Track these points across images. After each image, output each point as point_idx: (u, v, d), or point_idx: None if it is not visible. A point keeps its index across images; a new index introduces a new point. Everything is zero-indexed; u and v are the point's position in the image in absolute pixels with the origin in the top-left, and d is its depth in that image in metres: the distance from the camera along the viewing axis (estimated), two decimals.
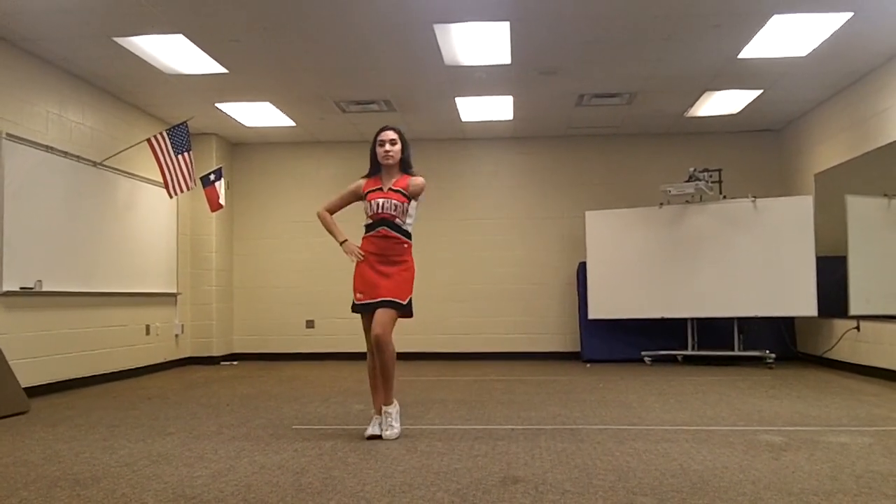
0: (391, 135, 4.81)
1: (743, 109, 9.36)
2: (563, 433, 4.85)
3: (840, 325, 8.53)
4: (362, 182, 4.89)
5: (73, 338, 7.69)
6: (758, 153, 10.56)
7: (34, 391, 6.78)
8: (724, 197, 9.54)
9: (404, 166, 4.88)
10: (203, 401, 6.62)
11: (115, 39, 6.83)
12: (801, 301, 8.68)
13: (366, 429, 4.78)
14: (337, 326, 10.68)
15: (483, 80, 8.18)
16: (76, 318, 7.77)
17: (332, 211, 5.01)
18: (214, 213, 9.90)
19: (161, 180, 8.24)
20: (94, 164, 8.09)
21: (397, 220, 4.77)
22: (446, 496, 3.32)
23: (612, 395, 6.66)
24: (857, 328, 8.17)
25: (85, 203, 7.97)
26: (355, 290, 4.80)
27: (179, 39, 6.85)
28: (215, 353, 10.46)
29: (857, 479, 3.55)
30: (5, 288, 6.68)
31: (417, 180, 4.83)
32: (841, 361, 8.53)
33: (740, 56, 7.39)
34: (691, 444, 4.44)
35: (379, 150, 4.80)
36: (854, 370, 8.18)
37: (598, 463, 3.94)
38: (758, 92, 8.67)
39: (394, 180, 4.81)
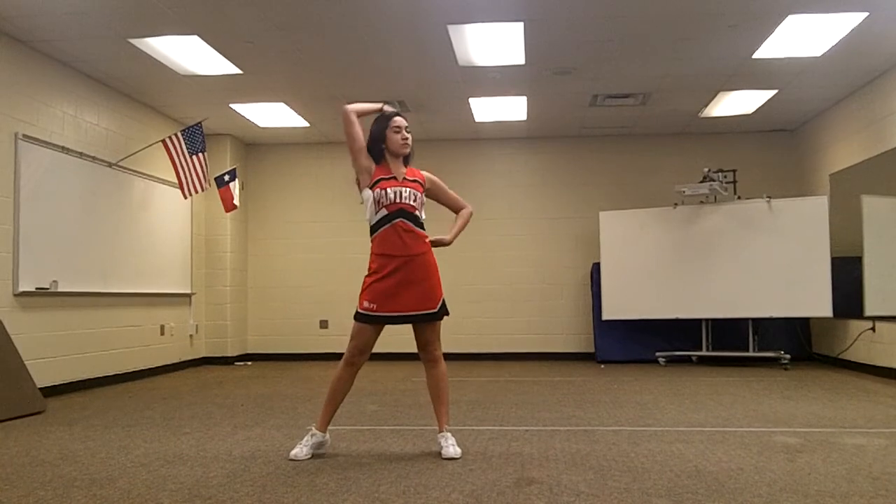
0: (405, 122, 4.35)
1: (758, 109, 9.32)
2: (577, 434, 4.84)
3: (855, 325, 8.48)
4: (368, 166, 4.34)
5: (88, 338, 7.74)
6: (773, 153, 10.51)
7: (50, 391, 6.82)
8: (739, 197, 9.50)
9: (407, 160, 4.43)
10: (218, 401, 6.64)
11: (131, 41, 6.87)
12: (817, 302, 8.64)
13: (332, 440, 4.40)
14: (351, 327, 10.68)
15: (497, 81, 8.18)
16: (91, 318, 7.82)
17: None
18: (229, 214, 9.94)
19: (176, 181, 8.28)
20: (109, 164, 8.14)
21: (417, 213, 4.32)
22: (461, 497, 3.32)
23: (626, 396, 6.65)
24: (873, 329, 8.12)
25: (100, 203, 8.01)
26: (365, 298, 4.24)
27: (194, 40, 6.88)
28: (230, 353, 10.50)
29: (874, 481, 3.53)
30: (21, 288, 6.73)
31: (437, 178, 4.51)
32: (856, 362, 8.48)
33: (755, 56, 7.36)
34: (706, 445, 4.43)
35: (395, 137, 4.28)
36: (870, 371, 8.13)
37: (613, 464, 3.93)
38: (773, 92, 8.63)
39: (403, 171, 4.35)
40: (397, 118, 4.33)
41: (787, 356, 8.94)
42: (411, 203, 4.28)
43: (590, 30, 6.75)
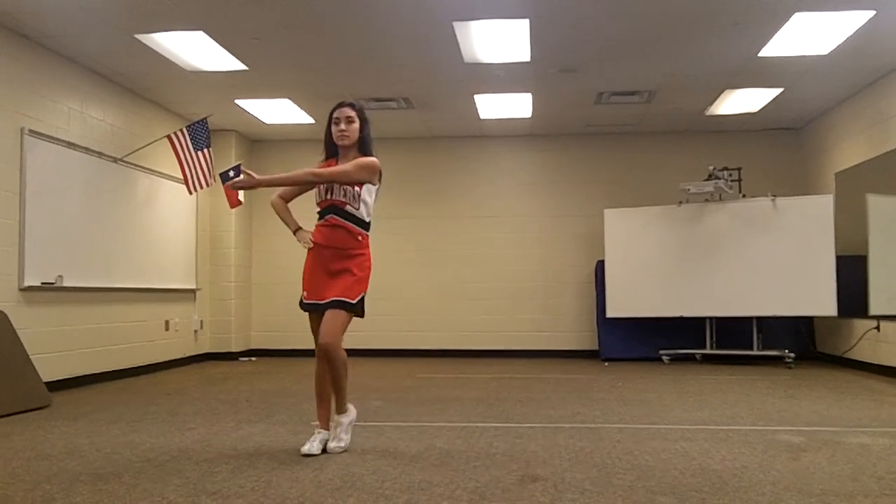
0: (347, 112, 4.26)
1: (763, 108, 9.30)
2: (581, 431, 4.85)
3: (860, 324, 8.47)
4: (318, 164, 4.43)
5: (93, 333, 7.75)
6: (778, 152, 10.49)
7: (55, 386, 6.83)
8: (744, 196, 9.48)
9: (363, 147, 4.31)
10: (222, 396, 6.66)
11: (137, 36, 6.87)
12: (821, 300, 8.62)
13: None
14: (356, 324, 10.69)
15: (502, 78, 8.17)
16: (96, 313, 7.83)
17: (286, 198, 4.57)
18: (233, 210, 9.95)
19: (181, 177, 8.28)
20: (115, 160, 8.15)
21: (348, 208, 4.23)
22: (465, 494, 3.32)
23: (630, 394, 6.65)
24: (878, 328, 8.11)
25: (105, 199, 8.03)
26: (303, 286, 4.35)
27: (200, 36, 6.88)
28: (234, 348, 10.51)
29: (879, 481, 3.53)
30: (27, 283, 6.75)
31: (362, 160, 4.24)
32: (861, 362, 8.47)
33: (761, 54, 7.34)
34: (710, 443, 4.43)
35: (333, 130, 4.29)
36: (874, 370, 8.12)
37: (618, 462, 3.94)
38: (778, 90, 8.61)
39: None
40: (339, 109, 4.30)
41: (792, 355, 8.92)
42: (340, 199, 4.26)
43: (595, 27, 6.74)
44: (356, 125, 4.28)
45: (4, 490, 3.44)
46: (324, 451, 4.20)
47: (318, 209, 4.34)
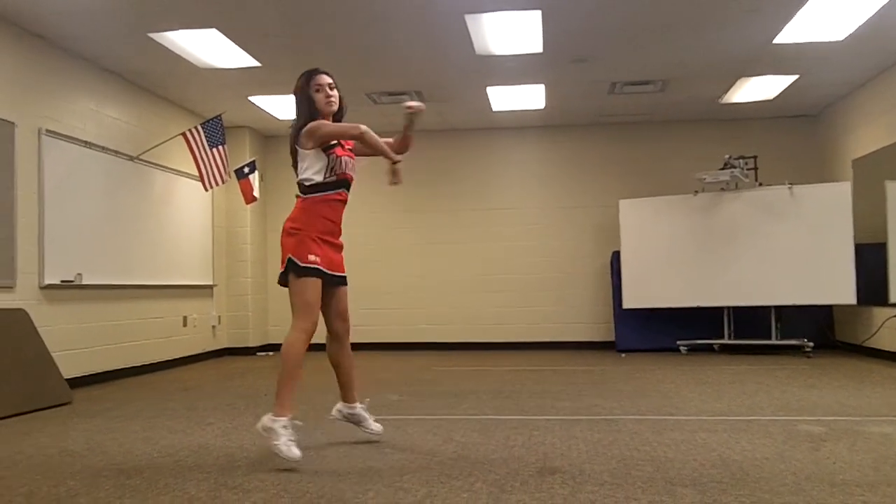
0: (328, 79, 4.18)
1: (779, 95, 9.23)
2: (599, 423, 4.84)
3: (880, 313, 8.40)
4: None
5: (112, 330, 7.81)
6: (794, 139, 10.41)
7: (75, 382, 6.88)
8: (760, 184, 9.42)
9: (343, 113, 4.29)
10: (240, 391, 6.69)
11: (150, 35, 6.90)
12: (840, 289, 8.57)
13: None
14: (371, 317, 10.74)
15: (514, 69, 8.14)
16: (115, 310, 7.89)
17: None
18: (249, 206, 9.98)
19: (196, 173, 8.32)
20: (131, 158, 8.19)
21: (351, 181, 4.23)
22: (484, 486, 3.33)
23: (648, 385, 6.63)
24: None
25: (122, 197, 8.07)
26: (309, 252, 4.11)
27: (213, 34, 6.90)
28: (251, 343, 10.56)
29: None
30: (46, 281, 6.80)
31: (364, 126, 4.09)
32: (881, 350, 8.40)
33: (776, 41, 7.29)
34: (730, 434, 4.41)
35: (318, 97, 4.13)
36: (895, 359, 8.06)
37: (636, 454, 3.93)
38: (794, 77, 8.55)
39: None
40: (319, 76, 4.18)
41: (811, 344, 8.87)
42: (353, 174, 4.23)
43: (608, 17, 6.70)
44: (337, 92, 4.21)
45: (30, 486, 3.48)
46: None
47: (331, 178, 4.11)
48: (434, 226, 10.96)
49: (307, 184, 4.12)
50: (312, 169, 4.11)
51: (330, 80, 4.20)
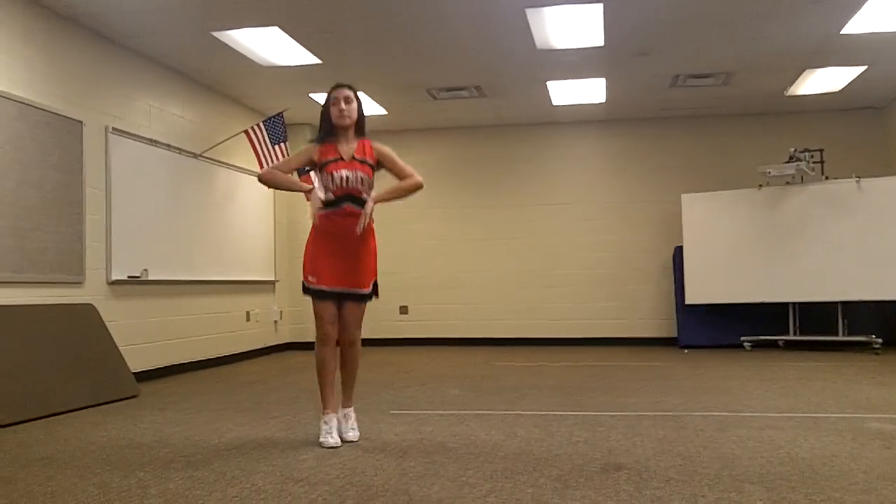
0: (346, 92, 4.25)
1: (845, 87, 9.00)
2: (663, 420, 4.78)
3: None
4: (315, 148, 4.37)
5: (177, 324, 7.97)
6: (860, 132, 10.14)
7: (142, 376, 7.04)
8: (827, 178, 9.20)
9: (359, 131, 4.34)
10: (302, 385, 6.76)
11: (213, 34, 7.02)
12: None
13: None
14: (431, 312, 10.78)
15: (575, 63, 8.08)
16: (180, 305, 8.05)
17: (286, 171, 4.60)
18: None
19: (258, 170, 8.42)
20: (195, 155, 8.34)
21: (363, 196, 4.23)
22: (548, 482, 3.31)
23: (712, 382, 6.54)
24: None
25: (186, 194, 8.23)
26: (308, 272, 4.37)
27: (275, 31, 6.99)
28: (312, 338, 10.61)
29: None
30: (114, 277, 6.97)
31: (387, 149, 4.34)
32: None
33: (843, 31, 7.11)
34: (797, 431, 4.33)
35: (333, 111, 4.24)
36: None
37: (702, 450, 3.88)
38: (861, 68, 8.32)
39: (353, 147, 4.28)
40: (337, 90, 4.28)
41: (879, 340, 8.64)
42: (358, 187, 4.24)
43: (669, 10, 6.61)
44: (354, 105, 4.28)
45: (101, 477, 3.56)
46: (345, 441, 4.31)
47: (329, 196, 4.25)
48: (491, 221, 10.94)
49: (322, 200, 4.30)
50: (320, 186, 4.34)
51: (347, 94, 4.27)
